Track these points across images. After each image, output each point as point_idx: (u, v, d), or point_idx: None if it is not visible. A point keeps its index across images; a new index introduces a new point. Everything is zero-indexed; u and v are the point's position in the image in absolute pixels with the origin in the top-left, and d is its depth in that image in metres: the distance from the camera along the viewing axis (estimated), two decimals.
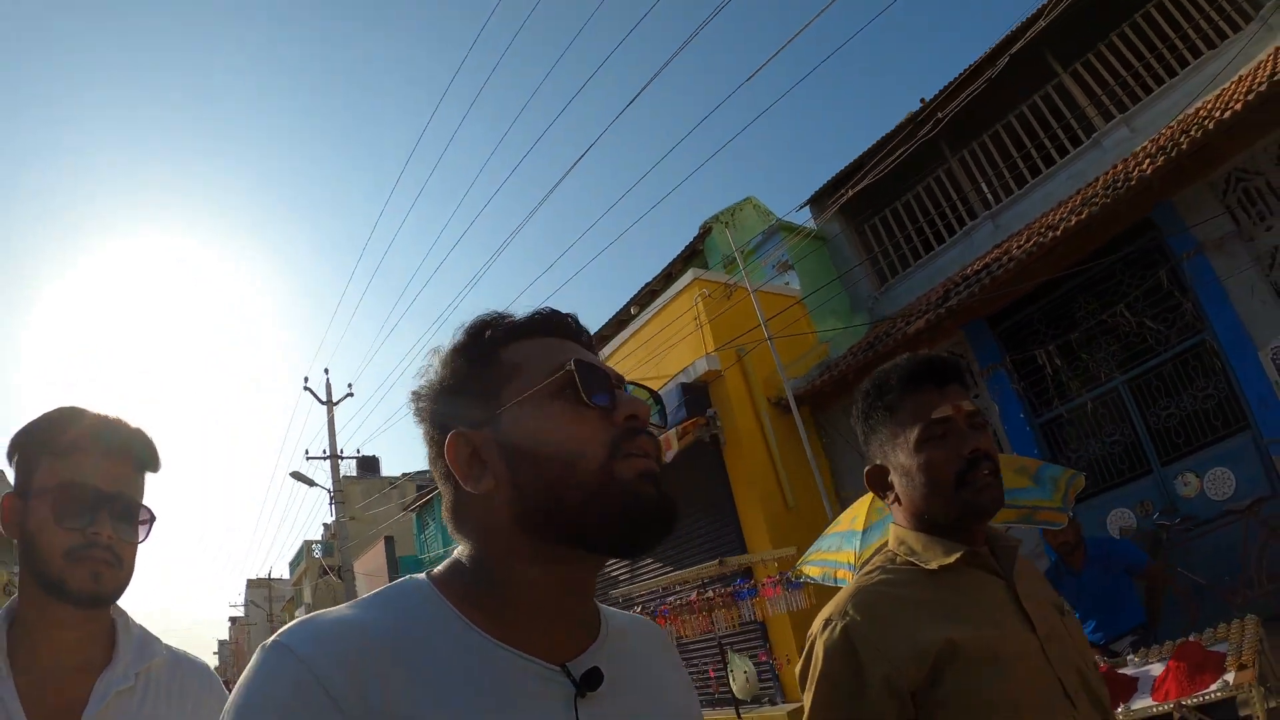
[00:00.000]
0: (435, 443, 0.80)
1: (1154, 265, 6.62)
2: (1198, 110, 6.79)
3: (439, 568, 0.79)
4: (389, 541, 20.91)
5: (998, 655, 1.11)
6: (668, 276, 10.61)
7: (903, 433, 1.26)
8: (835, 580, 4.89)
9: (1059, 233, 6.52)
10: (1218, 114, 6.04)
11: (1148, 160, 6.39)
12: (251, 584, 45.43)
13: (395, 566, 20.44)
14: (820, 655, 1.17)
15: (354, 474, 23.71)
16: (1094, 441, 7.03)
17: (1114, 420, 6.88)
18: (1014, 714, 1.09)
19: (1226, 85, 6.86)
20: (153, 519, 1.22)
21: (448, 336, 0.85)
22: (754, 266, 9.14)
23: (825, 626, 1.19)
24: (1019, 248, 6.93)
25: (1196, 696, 3.22)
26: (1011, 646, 1.13)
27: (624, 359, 9.18)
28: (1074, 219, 6.47)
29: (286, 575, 41.53)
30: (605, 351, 9.33)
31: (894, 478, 1.29)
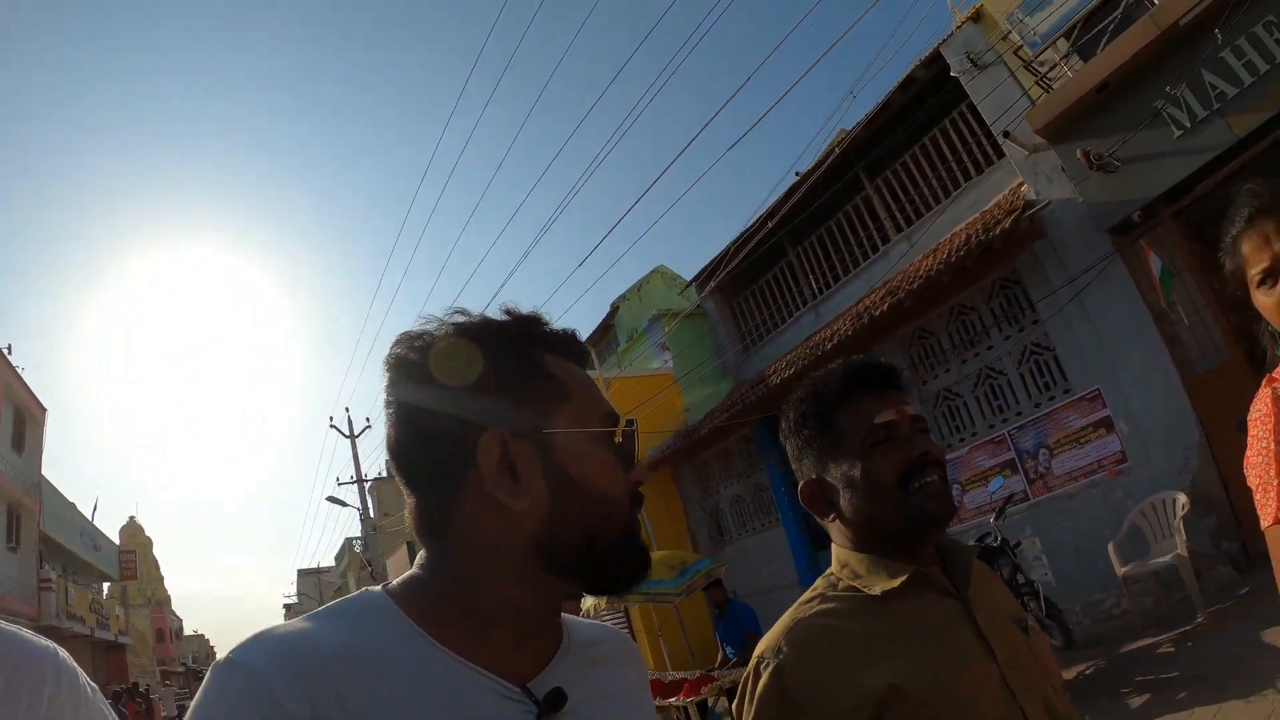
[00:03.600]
0: (435, 428, 0.75)
1: None
2: (889, 284, 8.82)
3: (394, 582, 0.76)
4: (410, 548, 24.01)
5: (949, 694, 1.01)
6: None
7: (843, 442, 1.16)
8: None
9: (790, 373, 8.97)
10: (885, 304, 8.20)
11: (851, 322, 8.64)
12: (302, 574, 47.49)
13: None
14: (755, 701, 1.07)
15: (385, 475, 24.73)
16: None
17: None
18: None
19: (911, 262, 8.82)
20: None
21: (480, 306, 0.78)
22: (643, 347, 11.90)
23: (759, 665, 1.09)
24: (774, 373, 9.42)
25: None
26: (966, 681, 1.03)
27: None
28: (793, 368, 8.90)
29: (334, 565, 43.75)
30: None
31: (836, 491, 1.17)
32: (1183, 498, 6.48)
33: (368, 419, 19.65)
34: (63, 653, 1.01)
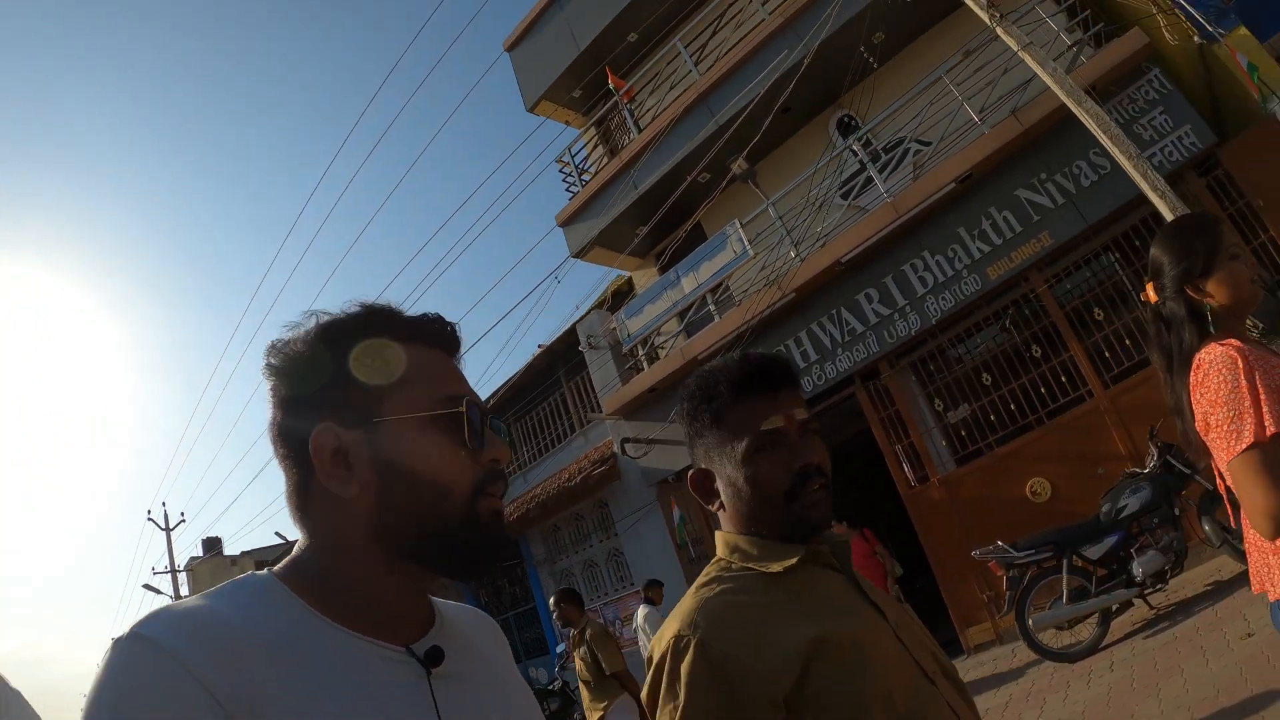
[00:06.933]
0: (289, 413, 0.80)
1: (521, 564, 12.46)
2: (543, 484, 12.26)
3: (279, 565, 0.78)
4: None
5: (862, 646, 1.07)
6: None
7: (730, 442, 1.18)
8: None
9: None
10: (531, 505, 11.61)
11: (513, 510, 12.06)
12: None
13: None
14: (681, 679, 1.05)
15: (201, 555, 25.01)
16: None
17: (508, 633, 13.06)
18: (887, 702, 1.04)
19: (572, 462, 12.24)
20: None
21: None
22: None
23: (677, 644, 1.08)
24: None
25: None
26: (872, 636, 1.10)
27: None
28: None
29: None
30: None
31: (720, 486, 1.21)
32: None
33: (182, 513, 23.29)
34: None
